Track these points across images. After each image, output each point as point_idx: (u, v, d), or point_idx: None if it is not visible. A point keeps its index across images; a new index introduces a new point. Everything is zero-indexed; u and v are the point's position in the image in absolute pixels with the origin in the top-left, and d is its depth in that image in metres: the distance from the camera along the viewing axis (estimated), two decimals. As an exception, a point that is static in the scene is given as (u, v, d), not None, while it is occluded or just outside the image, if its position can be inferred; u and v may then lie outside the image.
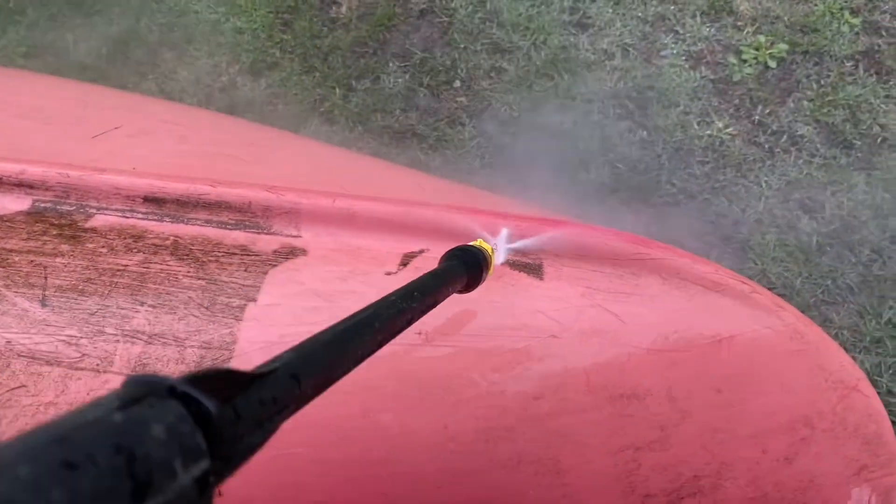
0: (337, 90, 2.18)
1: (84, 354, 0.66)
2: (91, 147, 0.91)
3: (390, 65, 2.22)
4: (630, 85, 2.09)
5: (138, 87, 2.41)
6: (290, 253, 0.73)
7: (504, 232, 0.73)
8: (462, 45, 2.22)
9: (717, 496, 0.77)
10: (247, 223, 0.75)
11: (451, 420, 0.68)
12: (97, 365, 0.66)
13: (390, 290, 0.70)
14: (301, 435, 0.67)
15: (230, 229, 0.75)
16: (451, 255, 0.58)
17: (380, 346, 0.38)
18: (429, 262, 0.72)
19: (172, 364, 0.66)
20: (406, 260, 0.72)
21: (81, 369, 0.65)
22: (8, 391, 0.65)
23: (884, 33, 2.08)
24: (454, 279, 0.55)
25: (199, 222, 0.75)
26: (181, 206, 0.76)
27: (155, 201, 0.76)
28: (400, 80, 2.18)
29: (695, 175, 1.93)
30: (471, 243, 0.62)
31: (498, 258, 0.70)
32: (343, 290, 0.70)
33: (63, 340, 0.66)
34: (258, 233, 0.74)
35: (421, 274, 0.71)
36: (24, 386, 0.65)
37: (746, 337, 0.72)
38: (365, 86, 2.19)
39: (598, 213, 1.87)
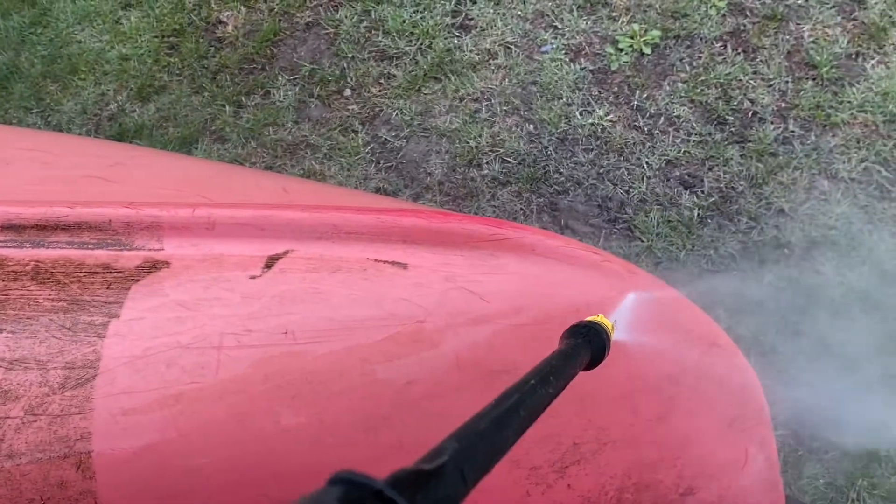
0: (227, 108, 2.17)
1: (-59, 386, 0.65)
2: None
3: (279, 79, 2.22)
4: (514, 82, 2.14)
5: (23, 122, 2.34)
6: (153, 267, 0.73)
7: (625, 306, 0.75)
8: (350, 55, 2.23)
9: (600, 461, 0.80)
10: (108, 241, 0.75)
11: (325, 414, 0.69)
12: (-45, 397, 0.65)
13: (256, 295, 0.71)
14: (173, 447, 0.67)
15: (92, 249, 0.74)
16: (572, 333, 0.60)
17: (524, 431, 0.40)
18: (295, 261, 0.73)
19: (35, 387, 0.65)
20: (270, 262, 0.73)
21: (-61, 403, 0.64)
22: None
23: (748, 13, 2.19)
24: (580, 359, 0.57)
25: (59, 245, 0.75)
26: (40, 230, 0.75)
27: (13, 228, 0.75)
28: (290, 92, 2.18)
29: (580, 163, 1.99)
30: (589, 318, 0.63)
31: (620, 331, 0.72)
32: (207, 297, 0.70)
33: (-83, 374, 0.65)
34: (120, 250, 0.74)
35: (284, 275, 0.73)
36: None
37: (602, 303, 0.75)
38: (255, 101, 2.18)
39: (490, 208, 1.90)
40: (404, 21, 2.27)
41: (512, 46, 2.22)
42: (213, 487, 0.70)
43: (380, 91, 2.16)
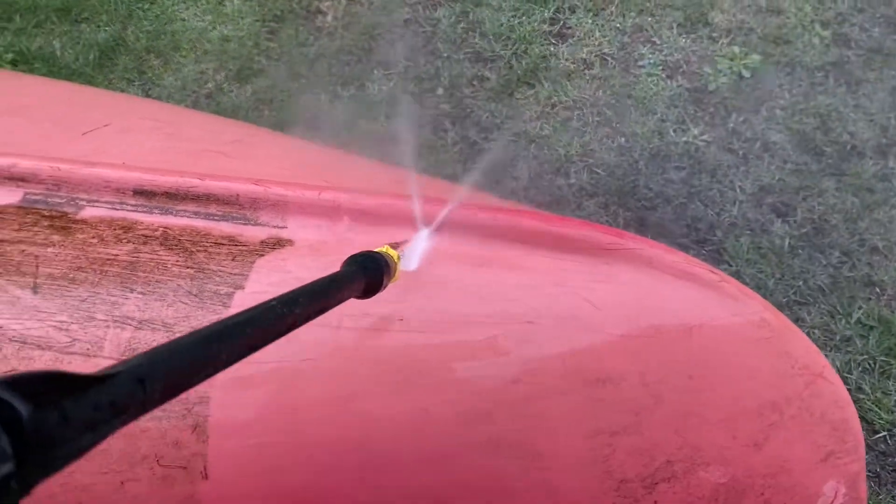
0: (322, 97, 2.22)
1: (74, 339, 0.68)
2: (80, 143, 0.93)
3: (375, 72, 2.26)
4: (609, 93, 2.13)
5: (125, 93, 2.42)
6: (277, 244, 0.75)
7: (419, 235, 0.74)
8: (445, 54, 2.26)
9: (690, 480, 0.79)
10: (234, 215, 0.77)
11: (430, 404, 0.70)
12: (87, 349, 0.68)
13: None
14: (279, 420, 0.69)
15: (217, 221, 0.77)
16: (350, 261, 0.58)
17: (252, 350, 0.38)
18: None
19: (162, 348, 0.68)
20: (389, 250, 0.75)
21: (72, 353, 0.67)
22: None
23: (853, 45, 2.14)
24: (349, 285, 0.54)
25: (187, 214, 0.77)
26: (170, 198, 0.78)
27: (144, 194, 0.78)
28: (384, 87, 2.22)
29: (671, 180, 1.97)
30: (377, 249, 0.62)
31: (410, 263, 0.71)
32: (328, 278, 0.72)
33: (54, 326, 0.68)
34: (245, 224, 0.77)
35: (410, 273, 0.74)
36: (14, 370, 0.67)
37: (715, 324, 0.75)
38: (350, 93, 2.22)
39: (575, 217, 1.89)
40: (502, 25, 2.28)
41: (608, 58, 2.21)
42: (313, 465, 0.72)
43: (472, 92, 2.17)
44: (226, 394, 0.68)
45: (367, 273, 0.57)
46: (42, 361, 0.67)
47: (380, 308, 0.70)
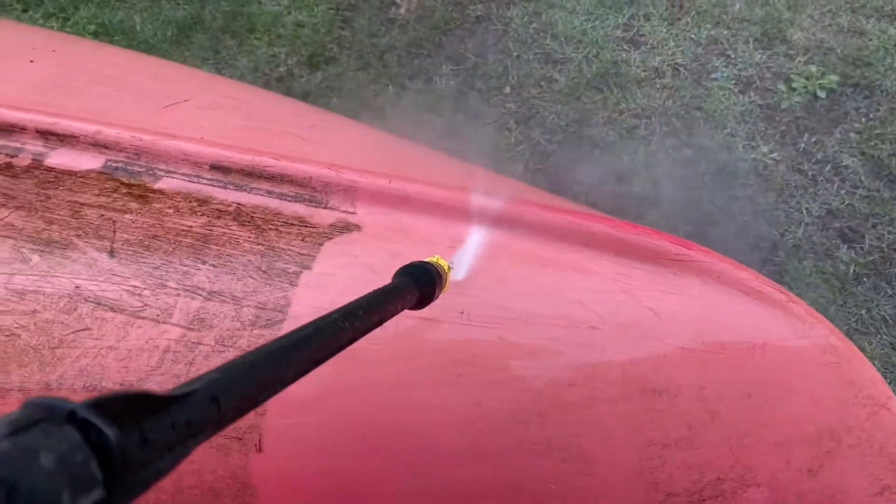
0: (390, 88, 2.23)
1: (146, 305, 0.70)
2: (162, 116, 0.96)
3: (443, 67, 2.26)
4: (678, 104, 2.10)
5: (204, 71, 2.48)
6: (345, 228, 0.76)
7: (467, 249, 0.74)
8: (515, 53, 2.25)
9: (738, 501, 0.78)
10: (305, 197, 0.78)
11: (484, 399, 0.71)
12: (157, 315, 0.70)
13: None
14: (335, 401, 0.70)
15: (289, 201, 0.78)
16: (403, 272, 0.58)
17: (317, 365, 0.38)
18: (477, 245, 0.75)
19: (228, 321, 0.69)
20: (456, 243, 0.75)
21: (142, 318, 0.69)
22: (73, 332, 0.69)
23: (939, 72, 2.08)
24: (403, 297, 0.54)
25: (261, 192, 0.79)
26: (246, 175, 0.79)
27: (221, 169, 0.80)
28: (452, 82, 2.22)
29: (736, 197, 1.93)
30: (427, 259, 0.61)
31: (460, 272, 0.71)
32: (394, 265, 0.73)
33: (127, 290, 0.70)
34: (315, 207, 0.78)
35: (476, 267, 0.75)
36: (88, 329, 0.69)
37: (780, 345, 0.73)
38: (417, 86, 2.24)
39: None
40: (574, 27, 2.27)
41: (681, 68, 2.18)
42: (364, 447, 0.72)
43: (539, 93, 2.17)
44: (286, 370, 0.69)
45: (420, 284, 0.57)
46: (114, 323, 0.69)
47: (441, 299, 0.71)
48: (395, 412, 0.71)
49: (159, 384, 0.68)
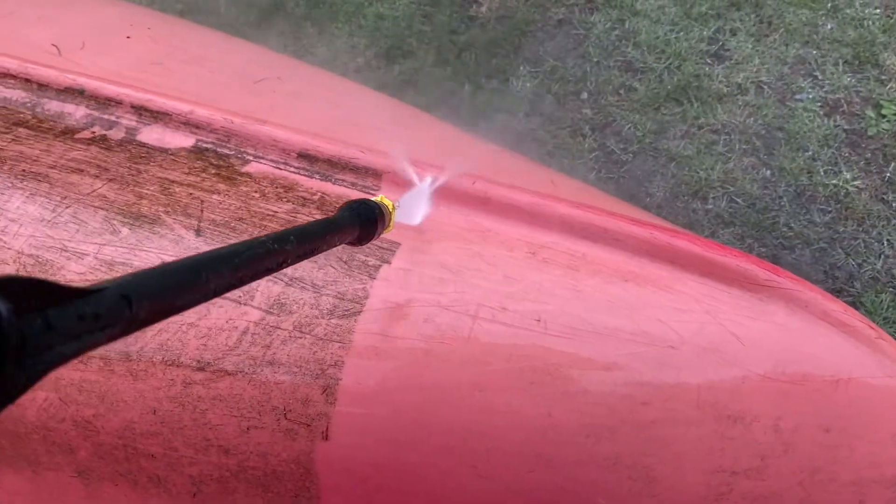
0: (466, 86, 2.23)
1: (229, 285, 0.71)
2: (251, 99, 0.97)
3: (521, 68, 2.25)
4: (760, 123, 2.05)
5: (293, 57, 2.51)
6: (426, 225, 0.76)
7: (419, 188, 0.74)
8: (595, 59, 2.23)
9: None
10: (389, 191, 0.79)
11: (556, 409, 0.70)
12: (239, 297, 0.71)
13: (517, 277, 0.72)
14: (407, 396, 0.70)
15: (374, 194, 0.78)
16: (346, 207, 0.58)
17: (241, 282, 0.38)
18: (558, 254, 0.74)
19: (307, 307, 0.70)
20: (535, 249, 0.75)
21: (224, 298, 0.70)
22: (156, 307, 0.70)
23: None
24: (342, 231, 0.54)
25: (345, 183, 0.80)
26: (331, 165, 0.80)
27: (308, 158, 0.80)
28: (528, 84, 2.21)
29: (814, 222, 1.88)
30: (373, 198, 0.62)
31: (411, 217, 0.71)
32: (470, 267, 0.73)
33: (212, 269, 0.72)
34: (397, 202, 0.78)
35: (546, 264, 0.74)
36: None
37: (866, 381, 0.71)
38: (493, 85, 2.23)
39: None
40: (658, 37, 2.23)
41: (765, 86, 2.12)
42: (430, 446, 0.72)
43: (617, 101, 2.14)
44: (360, 361, 0.69)
45: (361, 220, 0.57)
46: (197, 301, 0.70)
47: (519, 305, 0.70)
48: (464, 413, 0.70)
49: (235, 364, 0.69)
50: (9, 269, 0.73)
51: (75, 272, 0.72)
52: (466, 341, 0.69)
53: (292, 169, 0.81)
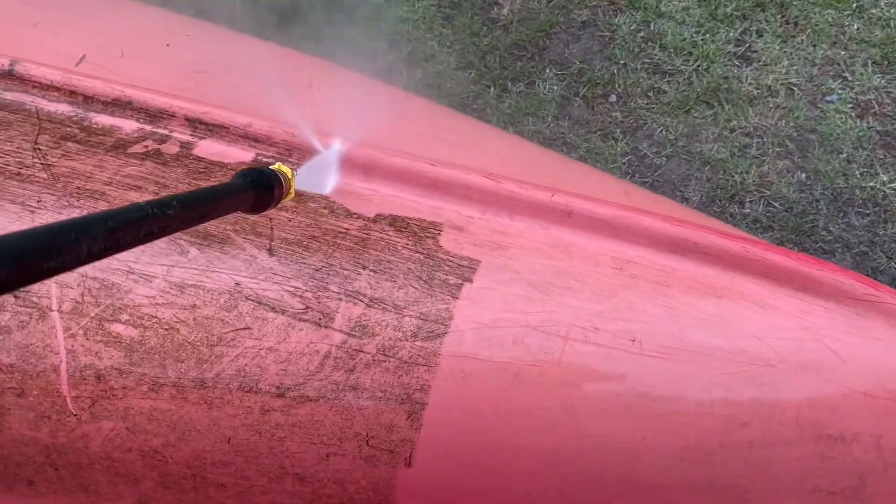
0: (492, 89, 2.20)
1: (308, 307, 0.68)
2: (307, 111, 0.94)
3: (547, 71, 2.22)
4: (792, 125, 2.02)
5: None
6: (504, 241, 0.73)
7: (324, 155, 0.73)
8: (622, 62, 2.20)
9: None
10: (463, 206, 0.76)
11: (651, 432, 0.67)
12: (319, 319, 0.68)
13: (606, 294, 0.70)
14: (494, 419, 0.68)
15: (446, 210, 0.76)
16: (239, 175, 0.57)
17: (119, 247, 0.37)
18: (646, 269, 0.71)
19: (390, 329, 0.67)
20: (621, 265, 0.72)
21: (304, 321, 0.68)
22: (233, 330, 0.67)
23: None
24: (233, 196, 0.53)
25: (415, 200, 0.77)
26: (400, 181, 0.77)
27: (375, 172, 0.78)
28: (555, 87, 2.18)
29: (853, 226, 1.85)
30: (271, 167, 0.61)
31: (318, 186, 0.70)
32: (558, 284, 0.70)
33: (289, 291, 0.69)
34: (471, 217, 0.75)
35: (634, 280, 0.71)
36: (248, 328, 0.68)
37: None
38: (519, 89, 2.20)
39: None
40: (684, 39, 2.20)
41: (795, 88, 2.10)
42: (518, 470, 0.70)
43: (646, 104, 2.11)
44: (447, 385, 0.66)
45: (256, 187, 0.56)
46: (275, 324, 0.67)
47: (611, 324, 0.67)
48: (554, 437, 0.68)
49: (317, 390, 0.67)
50: (73, 293, 0.70)
51: (144, 295, 0.69)
52: (558, 363, 0.67)
53: (359, 186, 0.78)
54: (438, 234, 0.73)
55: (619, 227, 0.73)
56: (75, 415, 0.68)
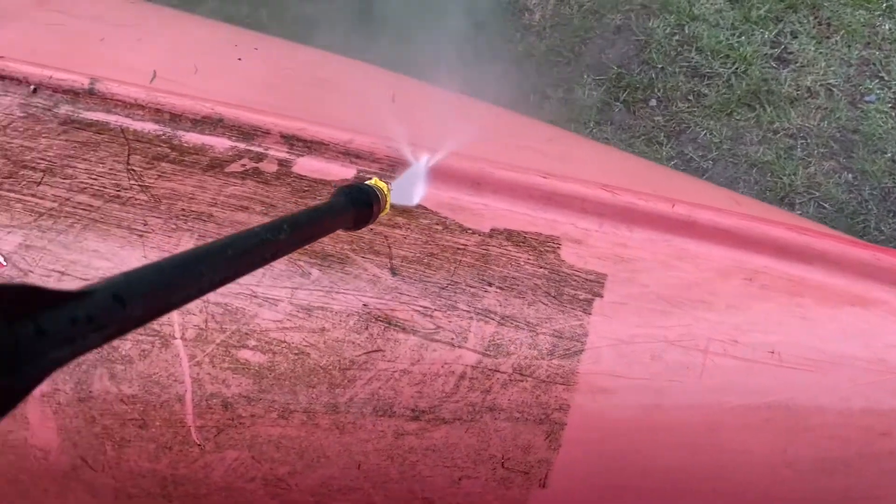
0: (531, 96, 2.19)
1: (439, 327, 0.67)
2: (403, 126, 0.93)
3: (585, 76, 2.21)
4: (834, 126, 2.01)
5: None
6: (625, 253, 0.72)
7: (412, 169, 0.72)
8: (659, 66, 2.19)
9: None
10: (579, 219, 0.75)
11: (792, 446, 0.66)
12: (452, 339, 0.66)
13: (740, 306, 0.68)
14: (634, 439, 0.67)
15: (561, 224, 0.74)
16: (339, 192, 0.57)
17: (236, 275, 0.37)
18: (776, 280, 0.70)
19: (525, 348, 0.66)
20: (751, 275, 0.71)
21: (437, 341, 0.66)
22: (365, 353, 0.66)
23: None
24: (337, 216, 0.53)
25: (526, 213, 0.75)
26: (510, 194, 0.76)
27: (482, 185, 0.76)
28: (594, 92, 2.17)
29: (905, 225, 1.84)
30: (367, 182, 0.60)
31: (407, 198, 0.70)
32: (691, 297, 0.68)
33: (418, 311, 0.68)
34: (588, 230, 0.74)
35: (766, 291, 0.70)
36: (380, 350, 0.66)
37: None
38: (559, 95, 2.19)
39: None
40: (720, 42, 2.19)
41: (833, 89, 2.09)
42: (652, 490, 0.68)
43: (688, 107, 2.10)
44: (587, 403, 0.65)
45: (356, 205, 0.56)
46: (407, 346, 0.66)
47: (749, 337, 0.66)
48: (692, 454, 0.67)
49: (453, 412, 0.65)
50: (196, 320, 0.69)
51: (271, 320, 0.68)
52: (699, 378, 0.65)
53: (466, 199, 0.76)
54: (558, 247, 0.72)
55: (744, 236, 0.72)
56: (199, 445, 0.66)
